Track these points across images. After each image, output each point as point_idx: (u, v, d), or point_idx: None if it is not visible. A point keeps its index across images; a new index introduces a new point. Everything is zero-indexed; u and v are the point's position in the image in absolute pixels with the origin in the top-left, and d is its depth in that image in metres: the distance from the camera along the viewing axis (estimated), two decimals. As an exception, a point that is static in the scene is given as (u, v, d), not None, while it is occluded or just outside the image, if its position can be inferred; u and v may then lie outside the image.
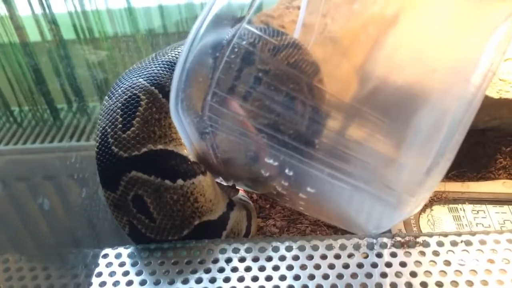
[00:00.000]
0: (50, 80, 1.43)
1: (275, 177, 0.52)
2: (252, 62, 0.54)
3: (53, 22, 1.31)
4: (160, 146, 0.56)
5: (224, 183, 0.67)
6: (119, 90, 0.59)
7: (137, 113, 0.56)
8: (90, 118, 1.37)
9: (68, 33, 1.36)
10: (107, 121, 0.58)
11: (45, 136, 1.40)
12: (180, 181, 0.56)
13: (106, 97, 0.61)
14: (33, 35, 1.35)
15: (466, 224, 0.77)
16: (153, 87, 0.58)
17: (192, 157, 0.57)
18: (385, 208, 0.49)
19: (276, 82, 0.52)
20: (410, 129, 0.52)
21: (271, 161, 0.49)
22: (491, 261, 0.53)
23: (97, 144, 0.58)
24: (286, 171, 0.49)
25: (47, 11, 1.30)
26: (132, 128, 0.56)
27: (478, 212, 0.79)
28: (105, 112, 0.59)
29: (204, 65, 0.49)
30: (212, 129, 0.49)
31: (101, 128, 0.58)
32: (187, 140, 0.52)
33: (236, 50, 0.49)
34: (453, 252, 0.55)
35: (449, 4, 0.58)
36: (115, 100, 0.58)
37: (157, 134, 0.56)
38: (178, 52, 0.62)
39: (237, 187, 0.71)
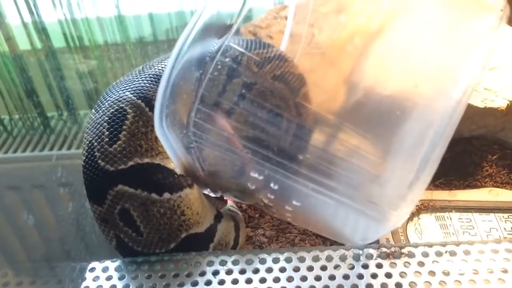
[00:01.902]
0: (40, 88, 1.43)
1: (261, 190, 0.53)
2: (237, 77, 0.54)
3: (43, 30, 1.31)
4: (146, 160, 0.56)
5: (212, 195, 0.67)
6: (106, 104, 0.59)
7: (124, 126, 0.56)
8: (81, 126, 1.37)
9: (58, 42, 1.36)
10: (94, 135, 0.58)
11: (35, 145, 1.40)
12: (166, 195, 0.56)
13: (93, 110, 0.61)
14: (22, 44, 1.35)
15: (453, 233, 0.78)
16: (139, 101, 0.58)
17: (178, 170, 0.57)
18: (369, 221, 0.49)
19: (261, 98, 0.53)
20: (394, 144, 0.53)
21: (256, 175, 0.50)
22: (475, 271, 0.54)
23: (84, 157, 0.58)
24: (271, 185, 0.50)
25: (37, 19, 1.30)
26: (119, 142, 0.56)
27: (464, 220, 0.80)
28: (92, 125, 0.59)
29: (188, 81, 0.50)
30: (197, 144, 0.50)
31: (87, 142, 0.58)
32: (173, 154, 0.53)
33: (219, 67, 0.49)
34: (438, 262, 0.55)
35: (433, 17, 0.58)
36: (101, 113, 0.59)
37: (143, 147, 0.56)
38: (165, 65, 0.63)
39: (225, 198, 0.71)
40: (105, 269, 0.57)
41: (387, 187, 0.49)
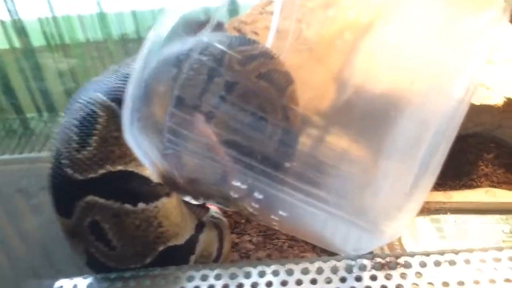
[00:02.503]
0: (19, 88, 1.38)
1: (244, 199, 0.48)
2: (217, 76, 0.50)
3: (21, 29, 1.26)
4: (119, 167, 0.51)
5: (193, 202, 0.62)
6: (76, 106, 0.54)
7: (94, 131, 0.52)
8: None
9: (37, 40, 1.31)
10: (61, 140, 0.53)
11: (15, 147, 1.35)
12: (142, 205, 0.52)
13: (63, 114, 0.56)
14: (0, 43, 1.30)
15: (449, 236, 0.74)
16: (112, 103, 0.53)
17: (155, 178, 0.52)
18: (362, 233, 0.45)
19: (244, 100, 0.49)
20: (387, 146, 0.48)
21: (238, 184, 0.45)
22: (476, 282, 0.50)
23: (51, 165, 0.53)
24: (256, 194, 0.45)
25: (15, 17, 1.25)
26: (89, 148, 0.51)
27: (461, 223, 0.76)
28: (60, 130, 0.54)
29: (163, 81, 0.45)
30: (173, 151, 0.45)
31: (55, 149, 0.53)
32: (147, 161, 0.48)
33: (196, 66, 0.44)
34: (437, 273, 0.51)
35: (428, 11, 0.54)
36: (70, 116, 0.54)
37: (116, 154, 0.52)
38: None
39: (207, 205, 0.66)
40: (74, 287, 0.53)
41: (380, 195, 0.45)
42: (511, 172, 0.82)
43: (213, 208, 0.72)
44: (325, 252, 0.75)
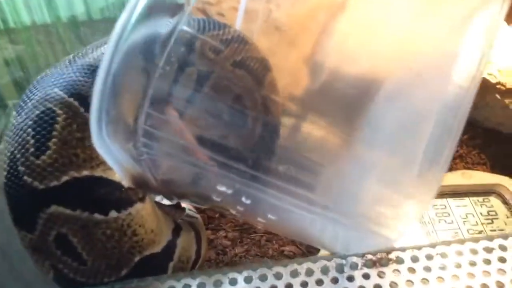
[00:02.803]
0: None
1: (229, 202, 0.44)
2: (189, 65, 0.45)
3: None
4: (85, 172, 0.46)
5: (166, 202, 0.58)
6: (30, 104, 0.48)
7: (53, 132, 0.46)
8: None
9: (-23, 25, 1.20)
10: (16, 144, 0.47)
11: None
12: (113, 213, 0.46)
13: (14, 113, 0.49)
14: None
15: (428, 221, 0.73)
16: (71, 99, 0.47)
17: (125, 182, 0.47)
18: (351, 234, 0.42)
19: (219, 91, 0.44)
20: (368, 133, 0.45)
21: (223, 189, 0.41)
22: (471, 275, 0.48)
23: (5, 173, 0.47)
24: (243, 199, 0.41)
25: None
26: (48, 152, 0.45)
27: (439, 207, 0.75)
28: (14, 132, 0.48)
29: (133, 75, 0.39)
30: (148, 156, 0.40)
31: (9, 154, 0.47)
32: (117, 166, 0.43)
33: (172, 59, 0.39)
34: (430, 267, 0.49)
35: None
36: (24, 116, 0.47)
37: (80, 157, 0.46)
38: (101, 53, 0.52)
39: (182, 205, 0.62)
40: (42, 308, 0.47)
41: (365, 188, 0.41)
42: (485, 153, 0.82)
43: (187, 206, 0.67)
44: (304, 245, 0.72)
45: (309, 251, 0.71)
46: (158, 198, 0.59)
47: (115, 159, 0.41)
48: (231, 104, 0.49)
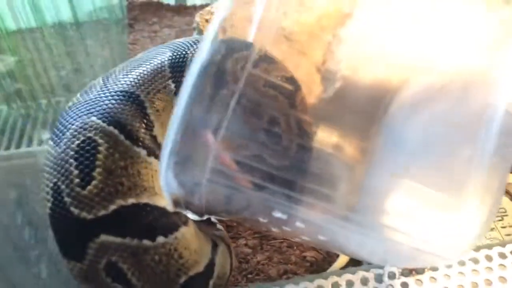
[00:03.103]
0: None
1: (277, 225, 0.45)
2: (224, 88, 0.46)
3: None
4: (131, 200, 0.46)
5: (195, 218, 0.58)
6: (68, 133, 0.48)
7: (97, 162, 0.46)
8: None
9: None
10: (59, 175, 0.47)
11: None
12: (161, 239, 0.47)
13: (51, 143, 0.49)
14: None
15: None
16: (111, 127, 0.48)
17: (170, 207, 0.48)
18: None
19: (255, 112, 0.45)
20: (387, 145, 0.47)
21: (279, 215, 0.42)
22: (502, 279, 0.51)
23: (50, 204, 0.47)
24: (297, 224, 0.42)
25: None
26: (94, 182, 0.46)
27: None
28: (54, 163, 0.48)
29: (203, 114, 0.40)
30: (207, 189, 0.41)
31: (51, 185, 0.47)
32: (169, 194, 0.43)
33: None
34: (463, 274, 0.52)
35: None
36: (64, 146, 0.47)
37: (125, 185, 0.46)
38: (134, 79, 0.52)
39: (212, 220, 0.63)
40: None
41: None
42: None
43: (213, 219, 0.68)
44: (324, 250, 0.74)
45: (329, 255, 0.73)
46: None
47: (172, 191, 0.41)
48: (266, 126, 0.50)
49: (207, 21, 0.80)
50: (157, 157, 0.50)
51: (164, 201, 0.48)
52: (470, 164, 0.40)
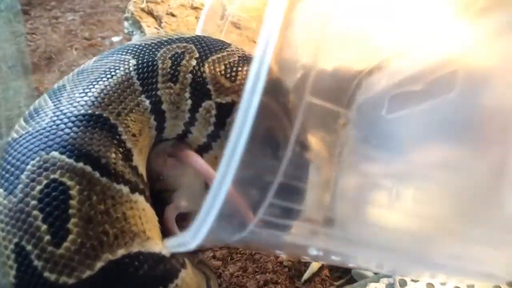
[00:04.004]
0: None
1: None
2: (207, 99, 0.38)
3: None
4: (121, 252, 0.38)
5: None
6: (23, 177, 0.38)
7: (70, 210, 0.37)
8: None
9: None
10: (21, 233, 0.37)
11: None
12: (160, 290, 0.39)
13: (1, 190, 0.38)
14: None
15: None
16: (80, 163, 0.38)
17: (166, 251, 0.40)
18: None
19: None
20: None
21: (315, 252, 0.36)
22: None
23: (14, 272, 0.37)
24: (333, 257, 0.37)
25: None
26: (70, 237, 0.36)
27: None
28: (10, 217, 0.37)
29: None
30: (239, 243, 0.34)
31: (12, 246, 0.37)
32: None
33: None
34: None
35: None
36: (21, 195, 0.37)
37: (110, 235, 0.38)
38: (97, 97, 0.42)
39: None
40: None
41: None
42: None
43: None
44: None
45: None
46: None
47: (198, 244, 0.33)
48: (262, 140, 0.43)
49: (142, 10, 0.69)
50: (142, 192, 0.41)
51: (159, 245, 0.40)
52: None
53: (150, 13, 0.70)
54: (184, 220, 0.47)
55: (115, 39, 1.16)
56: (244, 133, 0.28)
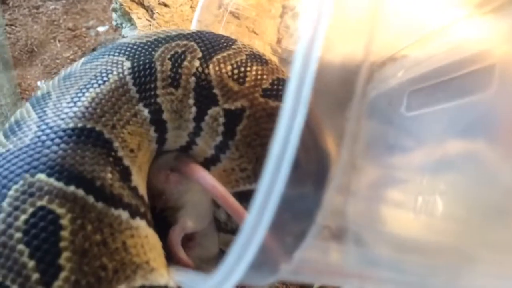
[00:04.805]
0: None
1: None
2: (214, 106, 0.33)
3: None
4: (122, 287, 0.33)
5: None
6: (4, 205, 0.32)
7: (61, 243, 0.32)
8: None
9: None
10: (5, 271, 0.31)
11: None
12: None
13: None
14: None
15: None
16: (71, 186, 0.33)
17: (173, 283, 0.35)
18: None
19: (257, 132, 0.33)
20: None
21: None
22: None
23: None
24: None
25: None
26: (63, 274, 0.31)
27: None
28: None
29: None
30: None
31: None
32: None
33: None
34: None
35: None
36: (3, 226, 0.32)
37: (109, 269, 0.33)
38: (87, 107, 0.37)
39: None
40: None
41: None
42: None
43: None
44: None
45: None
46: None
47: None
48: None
49: (132, 0, 0.63)
50: (143, 217, 0.36)
51: (165, 277, 0.35)
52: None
53: (140, 3, 0.64)
54: (190, 240, 0.43)
55: (101, 29, 1.09)
56: (286, 161, 0.23)
